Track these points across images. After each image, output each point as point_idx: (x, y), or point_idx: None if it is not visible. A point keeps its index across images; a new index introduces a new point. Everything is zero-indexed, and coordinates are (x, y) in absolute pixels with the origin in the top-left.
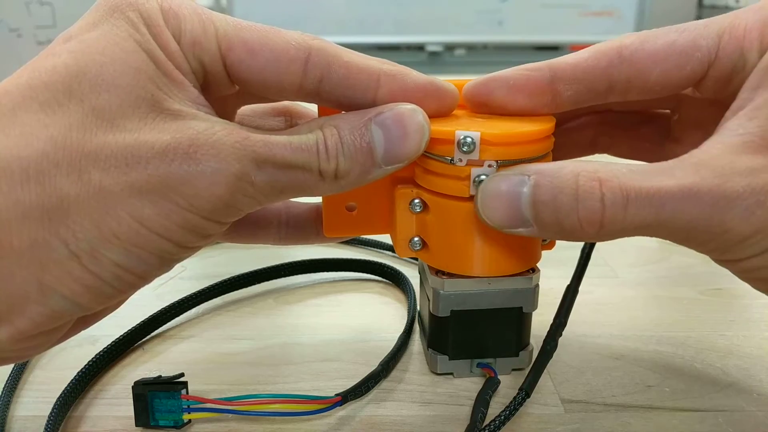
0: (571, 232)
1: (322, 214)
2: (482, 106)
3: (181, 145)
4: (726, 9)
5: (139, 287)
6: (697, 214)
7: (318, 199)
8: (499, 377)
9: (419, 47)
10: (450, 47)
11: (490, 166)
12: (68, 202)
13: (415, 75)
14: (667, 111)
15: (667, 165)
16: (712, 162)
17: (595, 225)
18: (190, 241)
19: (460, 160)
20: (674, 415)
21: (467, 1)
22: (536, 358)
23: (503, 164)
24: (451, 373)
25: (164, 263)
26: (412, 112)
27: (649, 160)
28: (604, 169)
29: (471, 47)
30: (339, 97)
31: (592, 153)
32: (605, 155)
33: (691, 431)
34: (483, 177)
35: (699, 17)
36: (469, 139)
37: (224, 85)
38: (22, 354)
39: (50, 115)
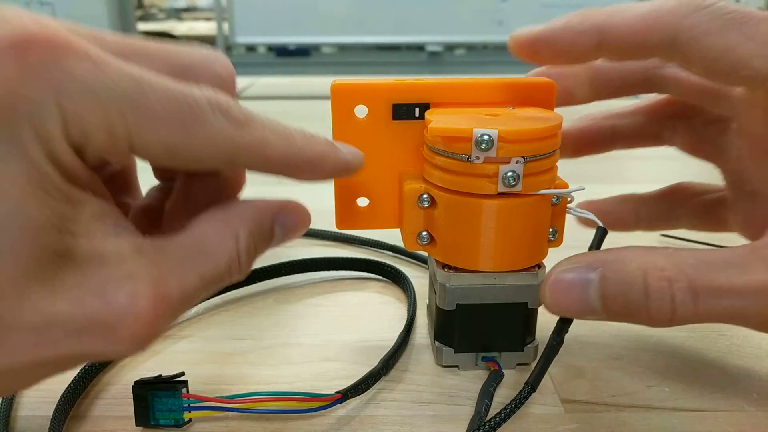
0: (643, 323)
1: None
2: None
3: (95, 325)
4: None
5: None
6: None
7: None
8: (504, 371)
9: (419, 47)
10: (450, 47)
11: (517, 162)
12: None
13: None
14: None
15: (735, 256)
16: None
17: (665, 320)
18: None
19: (477, 158)
20: (674, 415)
21: (467, 1)
22: (543, 353)
23: (529, 160)
24: (457, 366)
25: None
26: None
27: (709, 160)
28: (671, 264)
29: (471, 47)
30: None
31: (657, 145)
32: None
33: (691, 431)
34: (510, 173)
35: None
36: (486, 137)
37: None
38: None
39: None
